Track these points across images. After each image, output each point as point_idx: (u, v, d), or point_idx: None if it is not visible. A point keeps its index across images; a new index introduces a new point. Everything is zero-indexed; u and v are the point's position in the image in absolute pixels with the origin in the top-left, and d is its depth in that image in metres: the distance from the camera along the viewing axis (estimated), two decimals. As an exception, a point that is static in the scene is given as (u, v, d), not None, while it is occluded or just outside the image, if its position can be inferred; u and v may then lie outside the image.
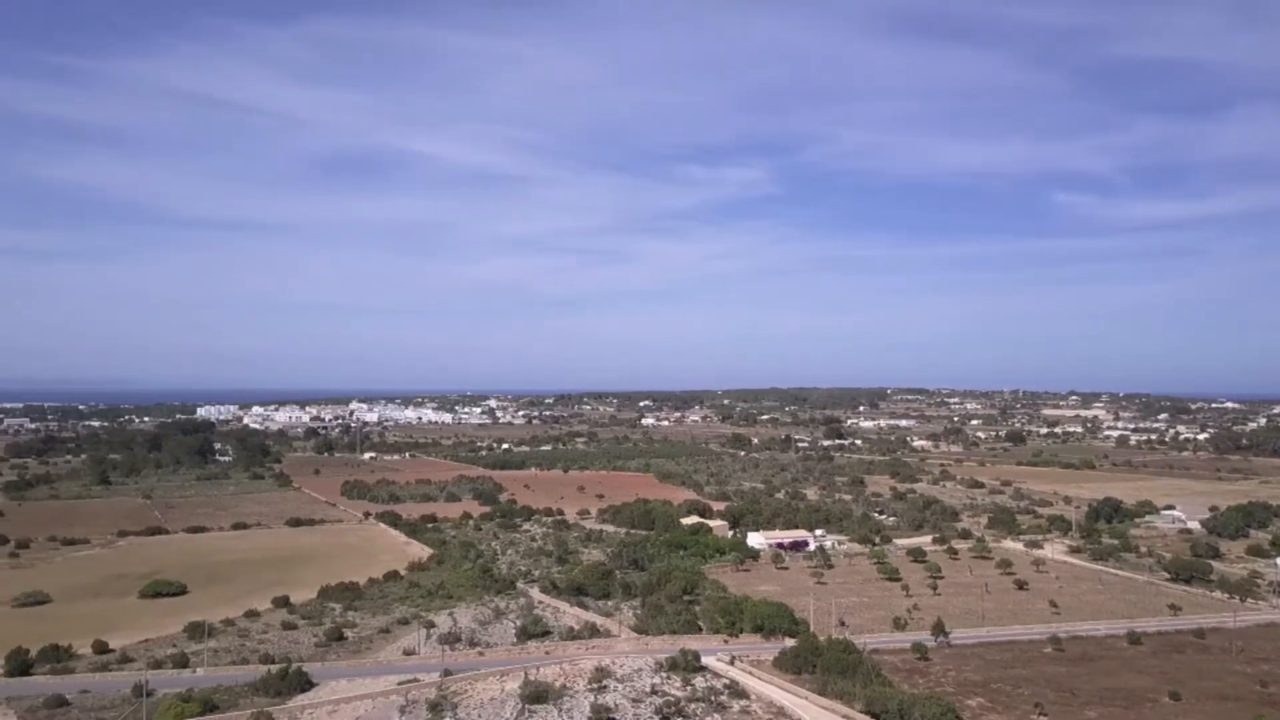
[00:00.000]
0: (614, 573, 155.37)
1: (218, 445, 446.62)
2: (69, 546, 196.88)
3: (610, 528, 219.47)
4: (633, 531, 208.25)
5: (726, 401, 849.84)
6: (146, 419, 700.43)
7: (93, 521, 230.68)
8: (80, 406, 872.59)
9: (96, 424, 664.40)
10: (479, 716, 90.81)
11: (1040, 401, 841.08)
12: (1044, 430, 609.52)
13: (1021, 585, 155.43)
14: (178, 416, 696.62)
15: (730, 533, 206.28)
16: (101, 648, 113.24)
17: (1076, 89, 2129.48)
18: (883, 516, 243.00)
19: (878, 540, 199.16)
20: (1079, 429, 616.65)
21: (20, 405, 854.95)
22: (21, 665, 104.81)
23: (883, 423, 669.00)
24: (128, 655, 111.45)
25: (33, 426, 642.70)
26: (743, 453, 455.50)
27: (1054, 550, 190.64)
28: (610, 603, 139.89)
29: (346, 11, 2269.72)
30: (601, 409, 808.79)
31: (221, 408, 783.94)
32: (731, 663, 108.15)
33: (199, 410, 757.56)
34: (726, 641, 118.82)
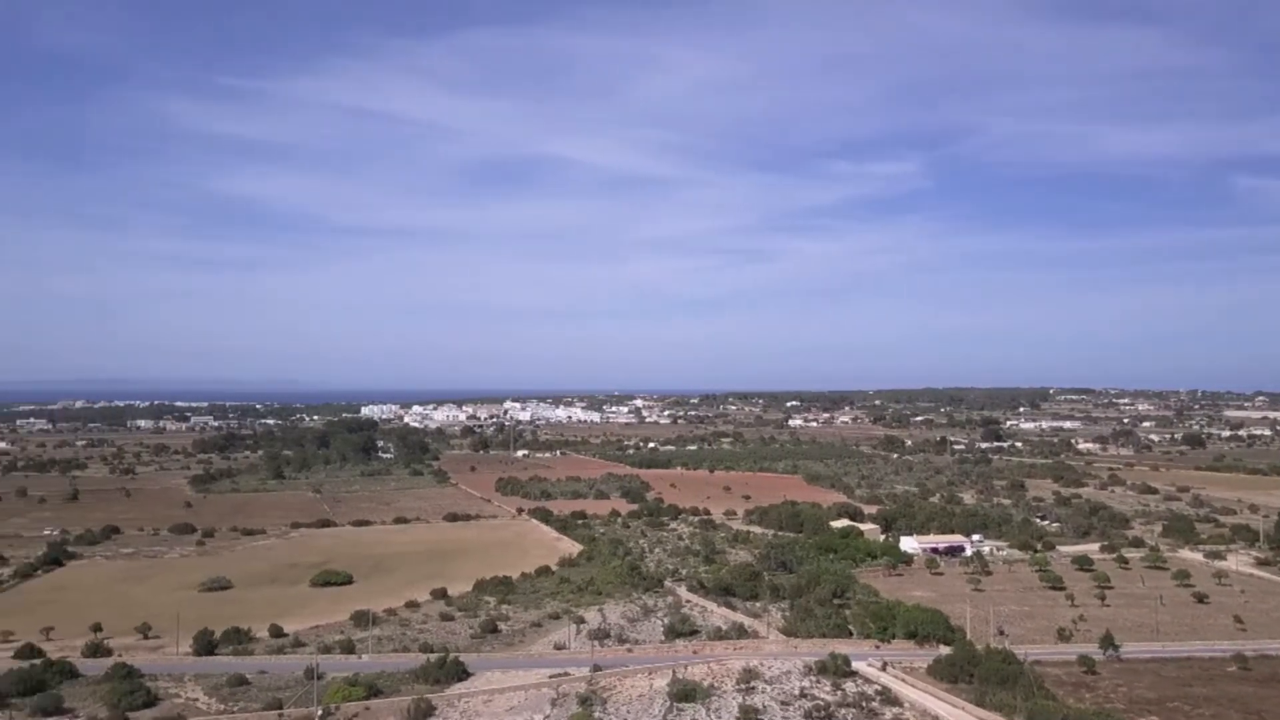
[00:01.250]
0: (761, 574, 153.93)
1: (380, 443, 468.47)
2: (248, 536, 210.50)
3: (757, 529, 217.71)
4: (780, 533, 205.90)
5: (878, 402, 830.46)
6: (316, 418, 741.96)
7: (268, 513, 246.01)
8: (257, 406, 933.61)
9: (272, 422, 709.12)
10: (628, 713, 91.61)
11: (1222, 402, 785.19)
12: (1226, 433, 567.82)
13: (1201, 599, 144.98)
14: (344, 415, 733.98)
15: (882, 536, 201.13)
16: (277, 632, 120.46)
17: (1255, 66, 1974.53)
18: (1045, 522, 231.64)
19: (1039, 547, 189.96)
20: (1267, 432, 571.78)
21: (205, 405, 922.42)
22: (207, 645, 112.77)
23: (1044, 424, 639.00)
24: (300, 640, 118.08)
25: (216, 425, 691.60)
26: (895, 455, 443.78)
27: (1238, 562, 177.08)
28: (758, 604, 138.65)
29: (493, 22, 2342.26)
30: (747, 409, 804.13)
31: (384, 407, 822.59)
32: (883, 668, 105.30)
33: (363, 409, 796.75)
34: (878, 647, 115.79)
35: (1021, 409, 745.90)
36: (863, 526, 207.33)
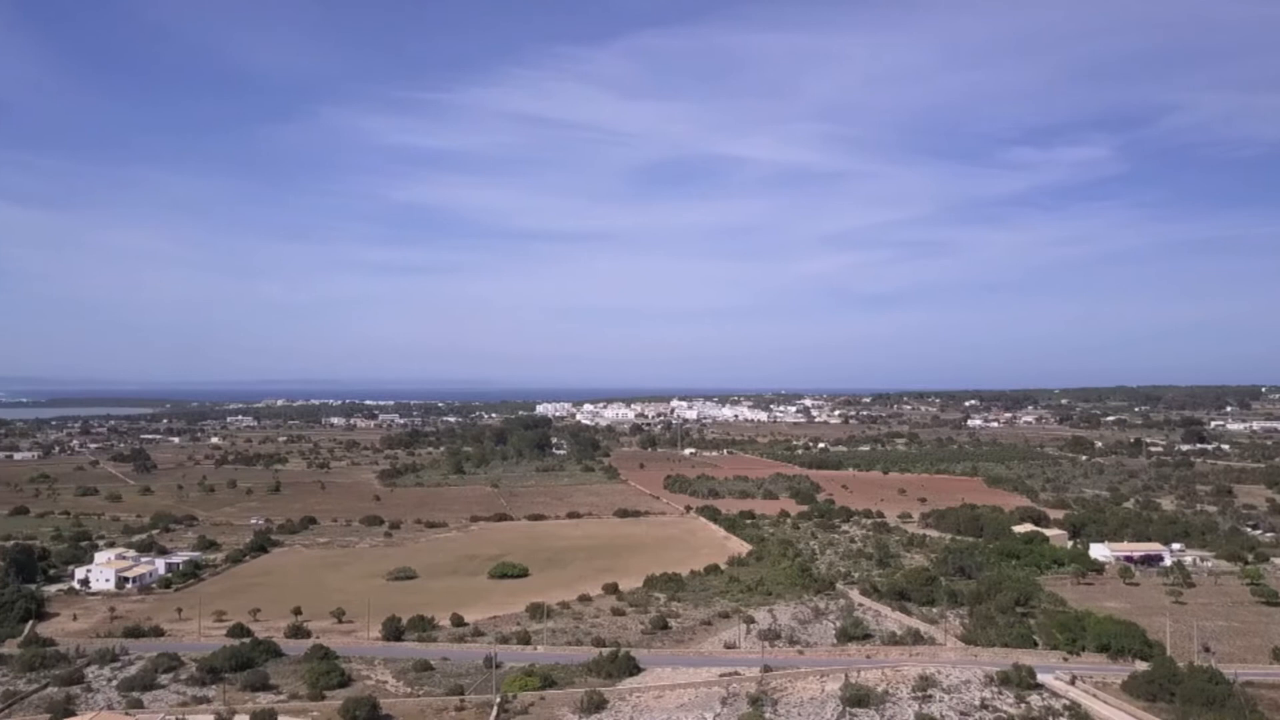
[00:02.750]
0: (939, 579, 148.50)
1: (554, 439, 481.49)
2: (431, 529, 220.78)
3: (934, 533, 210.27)
4: (958, 538, 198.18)
5: (1064, 401, 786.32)
6: (494, 415, 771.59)
7: (450, 507, 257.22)
8: (439, 404, 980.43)
9: (452, 420, 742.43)
10: (799, 715, 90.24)
11: None
12: None
13: None
14: (520, 413, 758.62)
15: (1070, 543, 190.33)
16: (458, 621, 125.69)
17: None
18: (1258, 531, 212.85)
19: (1251, 558, 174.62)
20: None
21: (391, 403, 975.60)
22: (395, 632, 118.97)
23: (1256, 425, 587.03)
24: (479, 629, 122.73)
25: (401, 422, 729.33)
26: (1084, 457, 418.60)
27: None
28: (935, 610, 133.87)
29: (662, 24, 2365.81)
30: (923, 409, 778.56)
31: (557, 405, 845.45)
32: (1072, 682, 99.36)
33: (538, 407, 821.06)
34: (1065, 659, 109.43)
35: (1228, 408, 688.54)
36: (1048, 532, 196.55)
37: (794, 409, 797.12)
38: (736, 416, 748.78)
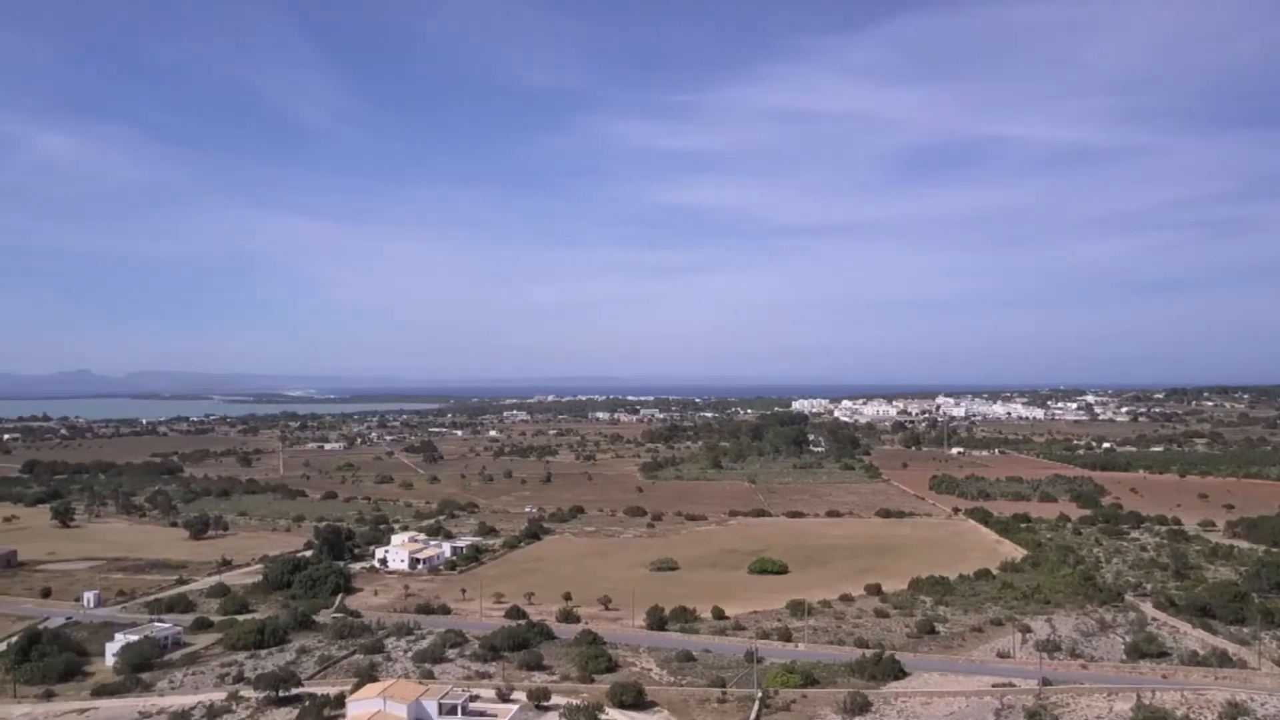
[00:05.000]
0: (1249, 595, 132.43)
1: (811, 436, 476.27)
2: (691, 521, 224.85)
3: (1243, 544, 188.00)
4: (1273, 550, 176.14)
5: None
6: (750, 411, 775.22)
7: (708, 501, 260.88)
8: (697, 400, 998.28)
9: (709, 415, 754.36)
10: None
11: None
12: None
13: None
14: (776, 409, 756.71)
15: None
16: (719, 614, 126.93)
17: None
18: None
19: None
20: None
21: (651, 399, 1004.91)
22: (658, 621, 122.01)
23: None
24: (739, 624, 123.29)
25: (661, 417, 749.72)
26: None
27: None
28: (1245, 629, 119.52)
29: (923, 8, 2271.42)
30: (1228, 405, 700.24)
31: (813, 401, 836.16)
32: None
33: (794, 403, 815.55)
34: None
35: None
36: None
37: (1074, 406, 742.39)
38: (1009, 414, 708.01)
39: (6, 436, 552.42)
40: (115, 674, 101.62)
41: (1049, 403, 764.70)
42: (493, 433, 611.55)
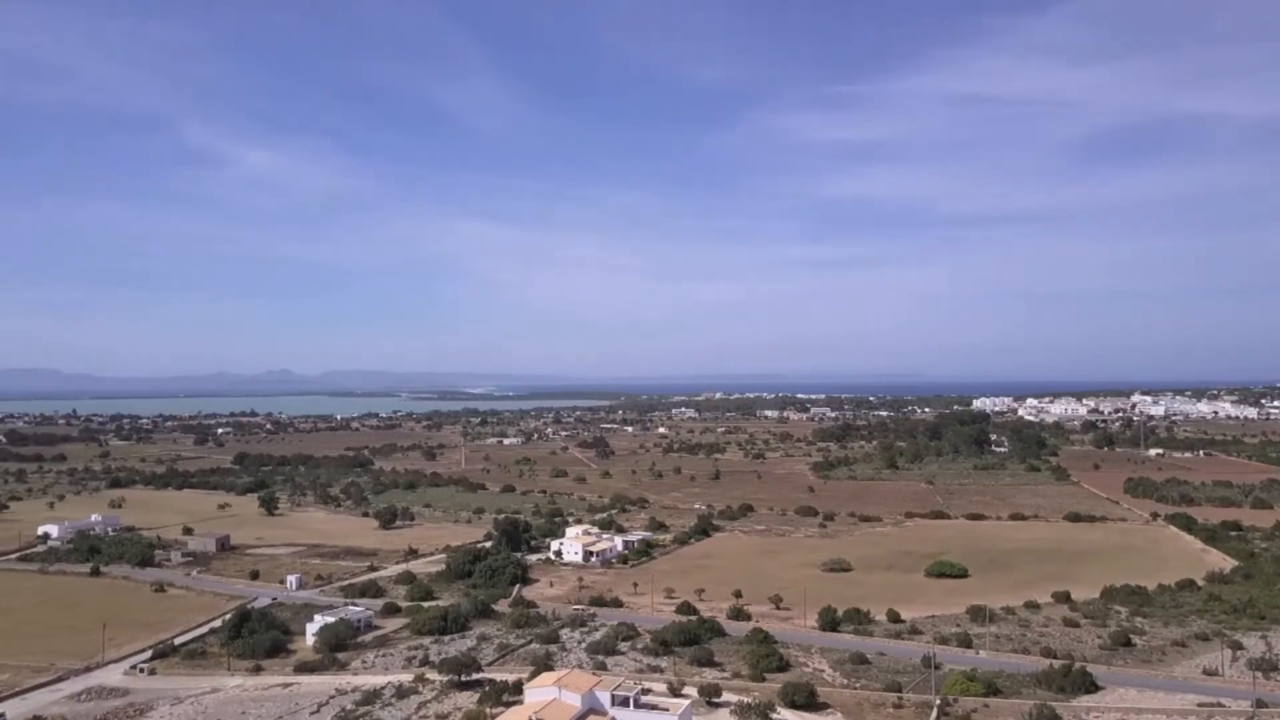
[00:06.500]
0: None
1: (993, 436, 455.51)
2: (865, 522, 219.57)
3: None
4: None
5: None
6: (927, 410, 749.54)
7: (883, 501, 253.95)
8: (870, 398, 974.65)
9: (884, 414, 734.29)
10: (1306, 764, 76.12)
11: None
12: None
13: None
14: (955, 408, 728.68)
15: None
16: (894, 617, 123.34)
17: None
18: None
19: None
20: None
21: (822, 397, 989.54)
22: (831, 622, 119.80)
23: None
24: (916, 627, 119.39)
25: (833, 415, 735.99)
26: None
27: None
28: None
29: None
30: None
31: (996, 399, 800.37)
32: None
33: (975, 402, 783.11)
34: None
35: None
36: None
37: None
38: (1216, 413, 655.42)
39: (221, 430, 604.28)
40: (314, 652, 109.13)
41: (1263, 400, 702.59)
42: (662, 429, 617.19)
